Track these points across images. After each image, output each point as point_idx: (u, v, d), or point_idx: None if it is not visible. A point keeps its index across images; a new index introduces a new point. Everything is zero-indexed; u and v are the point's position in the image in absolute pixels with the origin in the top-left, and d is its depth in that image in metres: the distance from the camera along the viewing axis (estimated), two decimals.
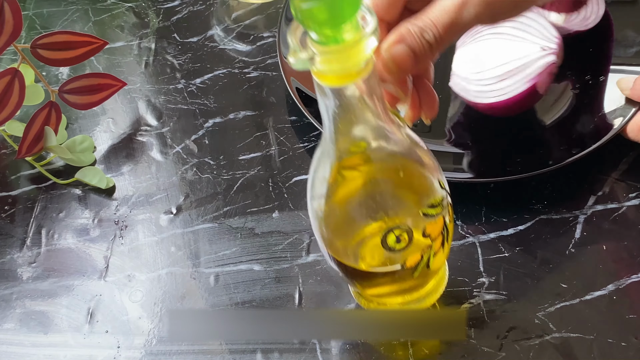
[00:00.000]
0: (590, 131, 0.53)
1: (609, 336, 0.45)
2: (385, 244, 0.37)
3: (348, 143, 0.35)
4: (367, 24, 0.30)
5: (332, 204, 0.37)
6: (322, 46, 0.30)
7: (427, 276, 0.41)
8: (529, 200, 0.52)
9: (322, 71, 0.31)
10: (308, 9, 0.29)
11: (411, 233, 0.37)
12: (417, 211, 0.37)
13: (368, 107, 0.33)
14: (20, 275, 0.51)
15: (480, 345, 0.45)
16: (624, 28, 0.58)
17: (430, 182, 0.38)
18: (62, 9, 0.70)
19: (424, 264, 0.39)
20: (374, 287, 0.42)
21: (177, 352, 0.47)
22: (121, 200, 0.55)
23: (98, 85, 0.57)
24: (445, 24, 0.34)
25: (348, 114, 0.33)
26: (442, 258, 0.41)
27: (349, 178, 0.37)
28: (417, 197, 0.38)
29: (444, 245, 0.40)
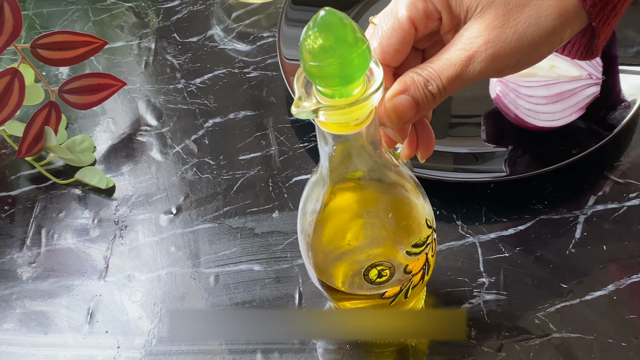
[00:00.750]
0: (590, 131, 0.53)
1: (609, 336, 0.45)
2: (367, 277, 0.38)
3: (342, 179, 0.35)
4: (374, 78, 0.30)
5: (320, 232, 0.38)
6: (328, 98, 0.30)
7: (403, 304, 0.42)
8: (529, 200, 0.52)
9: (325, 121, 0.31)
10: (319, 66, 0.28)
11: (393, 269, 0.38)
12: (402, 251, 0.38)
13: (365, 149, 0.33)
14: (20, 275, 0.51)
15: (480, 345, 0.45)
16: (624, 28, 0.59)
17: (418, 223, 0.38)
18: (62, 9, 0.70)
19: (402, 295, 0.40)
20: (353, 306, 0.42)
21: (177, 352, 0.47)
22: (121, 200, 0.55)
23: (98, 85, 0.57)
24: (450, 77, 0.34)
25: (345, 154, 0.33)
26: (420, 288, 0.41)
27: (339, 211, 0.38)
28: (403, 237, 0.38)
29: (424, 278, 0.40)
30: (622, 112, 0.53)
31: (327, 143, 0.33)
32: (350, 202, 0.38)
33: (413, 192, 0.38)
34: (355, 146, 0.33)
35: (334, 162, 0.34)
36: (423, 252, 0.39)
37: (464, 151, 0.54)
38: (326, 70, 0.28)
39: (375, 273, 0.38)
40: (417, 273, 0.39)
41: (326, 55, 0.28)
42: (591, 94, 0.52)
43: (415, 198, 0.38)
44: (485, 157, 0.53)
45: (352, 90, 0.30)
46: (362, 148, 0.33)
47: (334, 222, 0.38)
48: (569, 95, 0.52)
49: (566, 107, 0.52)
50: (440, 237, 0.50)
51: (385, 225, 0.38)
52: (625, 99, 0.54)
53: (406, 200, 0.38)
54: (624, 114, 0.53)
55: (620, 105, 0.54)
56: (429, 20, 0.35)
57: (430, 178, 0.51)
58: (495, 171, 0.52)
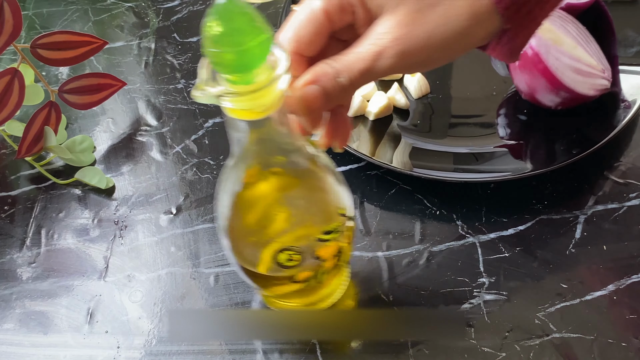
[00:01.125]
0: (590, 131, 0.53)
1: (609, 336, 0.45)
2: (278, 261, 0.39)
3: (253, 165, 0.36)
4: (279, 63, 0.30)
5: (233, 216, 0.38)
6: (233, 85, 0.30)
7: (318, 288, 0.42)
8: (529, 200, 0.52)
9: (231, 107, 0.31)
10: (216, 53, 0.29)
11: (304, 255, 0.39)
12: (312, 237, 0.39)
13: (276, 136, 0.34)
14: (20, 276, 0.51)
15: (480, 345, 0.45)
16: (624, 28, 0.59)
17: (329, 211, 0.39)
18: (62, 9, 0.70)
19: (314, 280, 0.40)
20: (271, 290, 0.43)
21: (177, 352, 0.47)
22: (121, 201, 0.55)
23: (98, 85, 0.57)
24: (360, 71, 0.34)
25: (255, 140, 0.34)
26: (334, 274, 0.42)
27: (251, 197, 0.38)
28: (313, 224, 0.39)
29: (337, 265, 0.41)
30: (622, 112, 0.53)
31: (237, 129, 0.33)
32: (262, 188, 0.38)
33: (327, 180, 0.38)
34: (265, 132, 0.33)
35: (245, 148, 0.35)
36: (334, 240, 0.39)
37: (464, 151, 0.54)
38: (224, 57, 0.29)
39: (285, 257, 0.39)
40: (328, 259, 0.40)
41: (223, 43, 0.28)
42: (604, 84, 0.53)
43: (328, 186, 0.39)
44: (485, 157, 0.53)
45: (255, 77, 0.30)
46: (272, 134, 0.34)
47: (246, 207, 0.39)
48: (587, 75, 0.53)
49: (585, 81, 0.53)
50: (440, 237, 0.50)
51: (296, 212, 0.39)
52: (625, 99, 0.54)
53: (318, 187, 0.38)
54: (624, 114, 0.53)
55: (620, 105, 0.54)
56: (344, 13, 0.36)
57: (430, 178, 0.51)
58: (495, 171, 0.52)
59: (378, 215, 0.52)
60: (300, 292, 0.42)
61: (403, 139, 0.55)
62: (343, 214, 0.40)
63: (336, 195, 0.39)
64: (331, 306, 0.47)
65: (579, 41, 0.53)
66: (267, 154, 0.36)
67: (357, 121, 0.57)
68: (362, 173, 0.55)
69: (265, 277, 0.40)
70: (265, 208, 0.39)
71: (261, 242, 0.39)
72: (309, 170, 0.37)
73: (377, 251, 0.50)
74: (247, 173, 0.36)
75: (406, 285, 0.48)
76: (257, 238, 0.40)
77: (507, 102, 0.57)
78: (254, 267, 0.39)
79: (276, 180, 0.38)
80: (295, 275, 0.40)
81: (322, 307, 0.47)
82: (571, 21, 0.54)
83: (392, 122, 0.57)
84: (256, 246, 0.40)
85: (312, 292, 0.44)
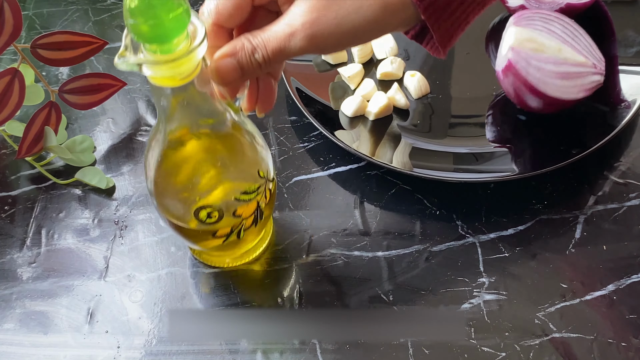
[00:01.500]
0: (590, 131, 0.53)
1: (609, 336, 0.45)
2: (198, 217, 0.42)
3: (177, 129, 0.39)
4: (197, 34, 0.33)
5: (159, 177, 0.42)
6: (153, 54, 0.32)
7: (239, 243, 0.46)
8: (529, 200, 0.52)
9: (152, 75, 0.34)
10: (133, 24, 0.31)
11: (222, 212, 0.42)
12: (230, 196, 0.42)
13: (197, 101, 0.37)
14: (20, 276, 0.51)
15: (480, 345, 0.45)
16: (624, 28, 0.59)
17: (249, 172, 0.42)
18: (62, 9, 0.70)
19: (234, 236, 0.44)
20: (199, 244, 0.46)
21: (177, 352, 0.47)
22: (121, 201, 0.55)
23: (98, 85, 0.57)
24: (274, 49, 0.36)
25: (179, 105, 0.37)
26: (254, 232, 0.46)
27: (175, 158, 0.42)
28: (232, 183, 0.42)
29: (257, 222, 0.44)
30: (622, 112, 0.53)
31: (161, 95, 0.36)
32: (185, 150, 0.41)
33: (247, 143, 0.42)
34: (187, 97, 0.36)
35: (169, 112, 0.37)
36: (253, 200, 0.42)
37: (464, 151, 0.54)
38: (140, 28, 0.31)
39: (204, 214, 0.42)
40: (247, 218, 0.43)
41: (140, 15, 0.31)
42: (595, 80, 0.52)
43: (249, 149, 0.42)
44: (485, 157, 0.54)
45: (175, 47, 0.32)
46: (194, 99, 0.37)
47: (170, 168, 0.42)
48: (575, 77, 0.52)
49: (574, 85, 0.52)
50: (440, 237, 0.50)
51: (215, 172, 0.42)
52: (625, 99, 0.54)
53: (238, 150, 0.41)
54: (624, 114, 0.53)
55: (620, 105, 0.54)
56: None
57: (430, 178, 0.51)
58: (495, 171, 0.52)
59: (378, 215, 0.52)
60: (224, 246, 0.45)
61: (403, 139, 0.55)
62: (263, 176, 0.43)
63: (257, 158, 0.42)
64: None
65: (565, 39, 0.53)
66: (189, 118, 0.38)
67: (357, 121, 0.57)
68: (362, 173, 0.55)
69: (190, 232, 0.43)
70: (187, 168, 0.43)
71: (182, 200, 0.43)
72: (229, 134, 0.40)
73: (377, 251, 0.50)
74: (171, 135, 0.39)
75: (406, 285, 0.48)
76: (179, 196, 0.43)
77: (508, 102, 0.57)
78: (180, 222, 0.43)
79: (198, 142, 0.41)
80: (216, 232, 0.43)
81: (246, 261, 0.50)
82: (555, 18, 0.53)
83: (392, 122, 0.57)
84: (179, 204, 0.43)
85: (235, 247, 0.47)
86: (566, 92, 0.51)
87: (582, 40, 0.53)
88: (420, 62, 0.61)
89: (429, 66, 0.61)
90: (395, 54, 0.61)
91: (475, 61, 0.61)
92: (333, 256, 0.50)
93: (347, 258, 0.50)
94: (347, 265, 0.50)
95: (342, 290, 0.49)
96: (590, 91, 0.52)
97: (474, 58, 0.61)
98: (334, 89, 0.59)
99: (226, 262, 0.50)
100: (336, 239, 0.51)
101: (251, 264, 0.50)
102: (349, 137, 0.55)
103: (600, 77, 0.52)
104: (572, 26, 0.53)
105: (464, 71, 0.60)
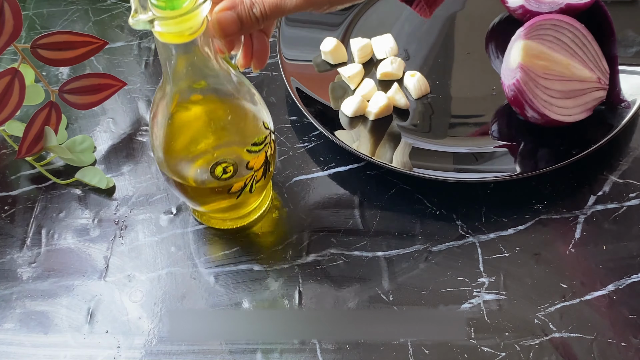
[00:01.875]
0: (590, 131, 0.53)
1: (609, 336, 0.45)
2: (214, 174, 0.44)
3: (185, 89, 0.41)
4: None
5: (170, 138, 0.44)
6: (161, 10, 0.35)
7: (249, 198, 0.49)
8: (529, 200, 0.52)
9: (161, 31, 0.36)
10: None
11: (237, 166, 0.45)
12: (243, 148, 0.45)
13: (202, 59, 0.39)
14: (20, 275, 0.51)
15: (480, 345, 0.45)
16: (624, 28, 0.59)
17: (255, 125, 0.45)
18: (62, 9, 0.70)
19: (247, 190, 0.46)
20: (208, 205, 0.49)
21: (177, 352, 0.47)
22: (121, 200, 0.55)
23: (98, 85, 0.57)
24: (271, 5, 0.39)
25: (186, 65, 0.39)
26: (262, 184, 0.48)
27: (185, 118, 0.44)
28: (242, 136, 0.45)
29: (265, 174, 0.47)
30: (622, 112, 0.53)
31: (169, 56, 0.39)
32: (194, 109, 0.44)
33: (249, 98, 0.44)
34: (193, 57, 0.39)
35: (177, 74, 0.40)
36: (262, 151, 0.45)
37: (464, 151, 0.54)
38: None
39: (220, 170, 0.44)
40: (258, 169, 0.46)
41: None
42: (598, 97, 0.53)
43: (252, 103, 0.45)
44: (485, 157, 0.54)
45: (182, 2, 0.35)
46: (199, 58, 0.39)
47: (182, 129, 0.44)
48: (579, 95, 0.52)
49: (577, 104, 0.52)
50: (440, 237, 0.50)
51: (226, 128, 0.45)
52: (625, 99, 0.54)
53: (243, 105, 0.44)
54: (624, 114, 0.53)
55: (620, 105, 0.54)
56: None
57: (430, 178, 0.51)
58: (495, 171, 0.52)
59: (378, 215, 0.52)
60: (234, 205, 0.48)
61: (403, 139, 0.55)
62: (267, 127, 0.46)
63: (259, 111, 0.45)
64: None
65: (574, 51, 0.53)
66: (196, 77, 0.41)
67: (357, 121, 0.57)
68: (362, 173, 0.55)
69: (204, 192, 0.46)
70: (198, 127, 0.45)
71: (198, 157, 0.45)
72: (233, 90, 0.43)
73: (377, 251, 0.50)
74: (179, 96, 0.42)
75: (406, 285, 0.48)
76: (194, 154, 0.45)
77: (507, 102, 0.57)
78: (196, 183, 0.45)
79: (205, 101, 0.43)
80: (231, 188, 0.45)
81: (251, 219, 0.52)
82: (567, 25, 0.53)
83: (392, 122, 0.57)
84: (194, 161, 0.45)
85: (245, 204, 0.50)
86: (568, 113, 0.52)
87: (590, 49, 0.53)
88: (420, 62, 0.61)
89: (429, 66, 0.61)
90: (395, 54, 0.61)
91: (475, 61, 0.61)
92: (333, 256, 0.50)
93: (347, 258, 0.50)
94: (347, 265, 0.50)
95: (342, 290, 0.49)
96: (591, 110, 0.52)
97: (474, 58, 0.61)
98: (334, 89, 0.59)
99: (227, 224, 0.52)
100: (336, 239, 0.51)
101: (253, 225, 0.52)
102: (349, 137, 0.55)
103: (604, 92, 0.53)
104: (582, 32, 0.53)
105: (464, 71, 0.60)
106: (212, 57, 0.40)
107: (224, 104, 0.44)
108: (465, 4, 0.65)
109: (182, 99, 0.42)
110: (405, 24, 0.64)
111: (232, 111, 0.44)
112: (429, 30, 0.63)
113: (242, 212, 0.51)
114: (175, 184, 0.46)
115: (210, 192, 0.46)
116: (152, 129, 0.44)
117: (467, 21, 0.64)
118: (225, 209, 0.49)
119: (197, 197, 0.47)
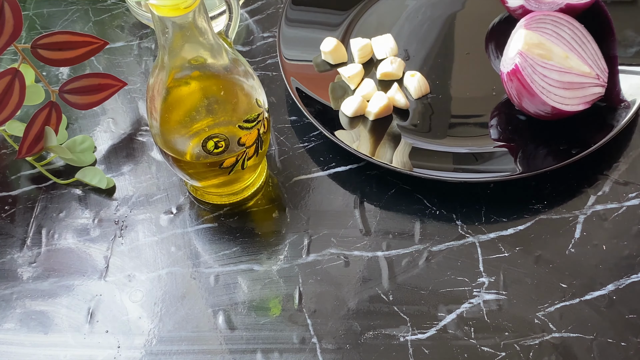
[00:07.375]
0: (590, 131, 0.53)
1: (609, 336, 0.45)
2: (206, 148, 0.46)
3: (180, 65, 0.43)
4: None
5: (166, 114, 0.45)
6: None
7: (242, 174, 0.50)
8: (529, 200, 0.52)
9: (157, 5, 0.38)
10: None
11: (228, 141, 0.46)
12: (234, 124, 0.46)
13: (197, 35, 0.41)
14: (21, 275, 0.51)
15: (480, 345, 0.45)
16: (624, 28, 0.59)
17: (249, 101, 0.46)
18: (62, 9, 0.70)
19: (239, 166, 0.48)
20: (199, 180, 0.50)
21: (177, 352, 0.47)
22: (121, 200, 0.55)
23: (98, 85, 0.57)
24: None
25: (181, 40, 0.41)
26: (256, 161, 0.49)
27: (180, 94, 0.45)
28: (235, 112, 0.46)
29: (258, 151, 0.49)
30: (622, 112, 0.53)
31: (164, 32, 0.40)
32: (190, 84, 0.45)
33: (243, 74, 0.46)
34: (188, 32, 0.41)
35: (173, 50, 0.42)
36: (255, 128, 0.47)
37: (464, 151, 0.54)
38: None
39: (212, 144, 0.45)
40: (250, 146, 0.47)
41: None
42: (596, 92, 0.52)
43: (245, 80, 0.46)
44: (485, 157, 0.54)
45: None
46: (194, 33, 0.41)
47: (177, 103, 0.46)
48: (577, 87, 0.52)
49: (575, 96, 0.52)
50: (440, 237, 0.50)
51: (219, 103, 0.46)
52: (625, 99, 0.54)
53: (237, 81, 0.46)
54: (624, 114, 0.53)
55: (620, 105, 0.54)
56: None
57: (430, 178, 0.51)
58: (495, 171, 0.52)
59: (378, 215, 0.52)
60: (227, 181, 0.50)
61: (403, 139, 0.55)
62: (261, 105, 0.47)
63: (253, 88, 0.46)
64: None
65: (573, 46, 0.53)
66: (190, 54, 0.42)
67: (357, 121, 0.57)
68: (362, 173, 0.55)
69: (196, 166, 0.47)
70: (192, 102, 0.46)
71: (191, 131, 0.46)
72: (227, 66, 0.44)
73: (377, 251, 0.50)
74: (175, 71, 0.43)
75: (406, 285, 0.48)
76: (187, 128, 0.46)
77: (507, 102, 0.57)
78: (188, 157, 0.46)
79: (200, 76, 0.44)
80: (223, 163, 0.46)
81: (245, 195, 0.53)
82: (566, 22, 0.53)
83: (392, 122, 0.57)
84: (186, 136, 0.46)
85: (238, 180, 0.51)
86: (566, 103, 0.52)
87: (589, 47, 0.53)
88: (420, 62, 0.61)
89: (429, 66, 0.61)
90: (395, 54, 0.61)
91: (475, 61, 0.61)
92: (333, 256, 0.50)
93: (347, 258, 0.50)
94: (347, 265, 0.50)
95: (342, 290, 0.49)
96: (589, 103, 0.52)
97: (474, 58, 0.61)
98: (334, 89, 0.59)
99: (223, 200, 0.53)
100: (336, 238, 0.51)
101: (247, 201, 0.54)
102: (349, 137, 0.55)
103: (602, 89, 0.53)
104: (581, 31, 0.53)
105: (464, 71, 0.60)
106: (207, 32, 0.41)
107: (218, 80, 0.45)
108: (465, 4, 0.65)
109: (177, 74, 0.43)
110: (405, 24, 0.64)
111: (225, 87, 0.45)
112: (429, 30, 0.63)
113: (235, 188, 0.52)
114: (168, 157, 0.47)
115: (202, 167, 0.47)
116: (148, 103, 0.46)
117: (467, 21, 0.64)
118: (219, 184, 0.51)
119: (190, 171, 0.48)
